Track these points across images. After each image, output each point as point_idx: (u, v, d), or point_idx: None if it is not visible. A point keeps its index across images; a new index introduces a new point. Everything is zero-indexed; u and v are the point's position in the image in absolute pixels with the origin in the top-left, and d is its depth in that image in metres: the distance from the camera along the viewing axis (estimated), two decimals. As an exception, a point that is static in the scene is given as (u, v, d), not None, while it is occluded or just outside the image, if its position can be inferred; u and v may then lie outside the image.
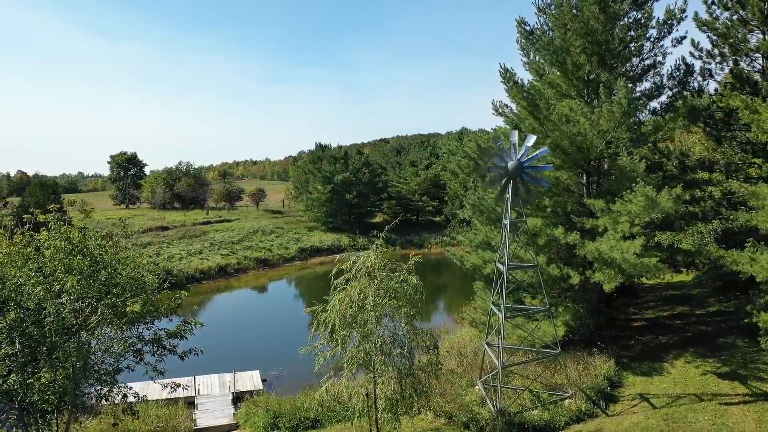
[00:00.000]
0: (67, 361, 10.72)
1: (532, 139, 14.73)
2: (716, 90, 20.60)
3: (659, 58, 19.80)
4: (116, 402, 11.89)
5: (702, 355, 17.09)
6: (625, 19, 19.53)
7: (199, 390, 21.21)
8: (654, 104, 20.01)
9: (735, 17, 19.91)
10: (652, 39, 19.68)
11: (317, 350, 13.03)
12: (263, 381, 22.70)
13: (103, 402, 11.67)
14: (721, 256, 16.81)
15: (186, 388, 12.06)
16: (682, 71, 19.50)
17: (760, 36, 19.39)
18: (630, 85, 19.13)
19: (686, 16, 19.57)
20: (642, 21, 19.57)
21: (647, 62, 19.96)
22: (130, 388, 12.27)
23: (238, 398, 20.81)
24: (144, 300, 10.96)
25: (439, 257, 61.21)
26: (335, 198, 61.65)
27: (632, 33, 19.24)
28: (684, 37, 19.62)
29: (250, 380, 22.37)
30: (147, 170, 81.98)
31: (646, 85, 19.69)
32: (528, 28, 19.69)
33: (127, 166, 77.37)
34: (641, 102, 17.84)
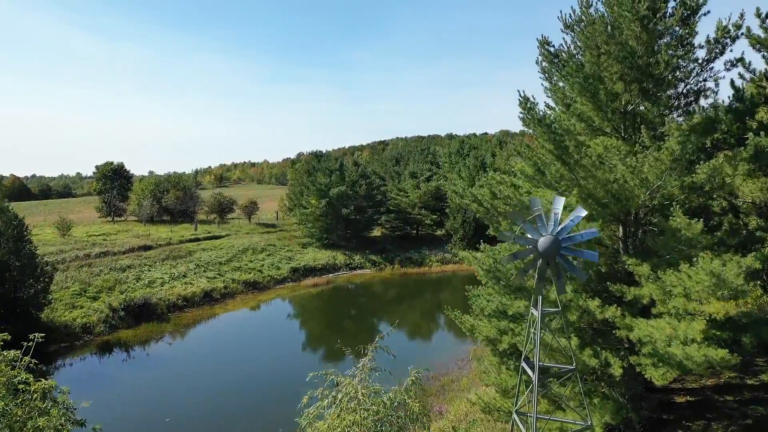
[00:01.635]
0: None
1: (560, 202, 11.44)
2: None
3: (710, 84, 16.40)
4: None
5: (775, 462, 13.78)
6: (668, 38, 16.14)
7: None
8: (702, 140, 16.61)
9: (797, 34, 16.65)
10: (700, 61, 16.29)
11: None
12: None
13: None
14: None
15: None
16: (739, 102, 16.13)
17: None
18: (679, 120, 15.82)
19: (742, 34, 16.21)
20: (686, 39, 16.19)
21: (695, 88, 16.57)
22: None
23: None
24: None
25: (440, 275, 57.87)
26: (331, 212, 58.34)
27: (675, 54, 15.87)
28: (740, 59, 16.24)
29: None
30: (146, 171, 78.58)
31: (696, 119, 16.29)
32: (552, 49, 16.31)
33: (113, 176, 73.51)
34: (694, 142, 14.47)
